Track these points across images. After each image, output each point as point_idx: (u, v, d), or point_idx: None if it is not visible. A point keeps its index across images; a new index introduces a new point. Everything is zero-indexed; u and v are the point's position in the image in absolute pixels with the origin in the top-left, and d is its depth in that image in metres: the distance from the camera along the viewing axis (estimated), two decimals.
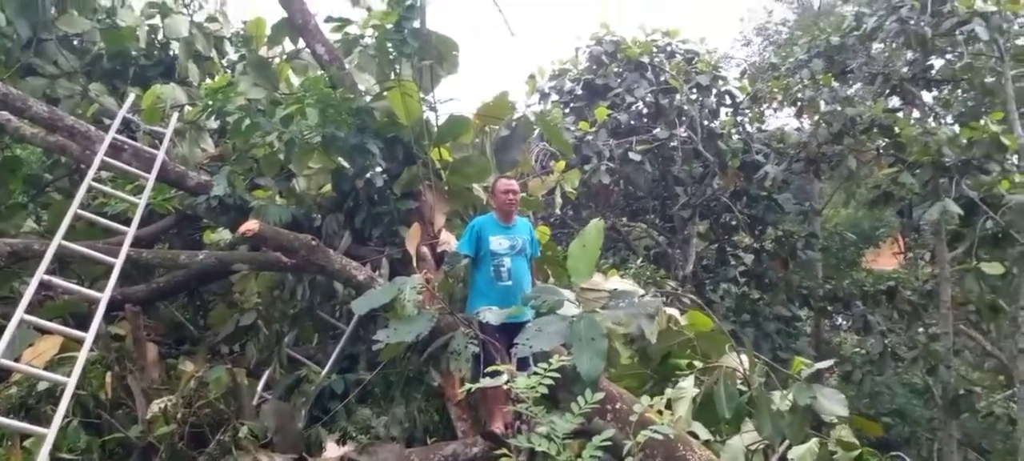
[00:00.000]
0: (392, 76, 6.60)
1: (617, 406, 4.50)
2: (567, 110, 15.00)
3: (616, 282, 7.18)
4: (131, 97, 6.54)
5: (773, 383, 6.54)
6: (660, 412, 5.91)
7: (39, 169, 9.17)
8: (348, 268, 5.58)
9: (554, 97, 15.56)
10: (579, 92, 15.39)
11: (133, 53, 8.37)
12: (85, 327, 4.72)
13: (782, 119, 18.42)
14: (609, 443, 3.61)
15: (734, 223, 16.47)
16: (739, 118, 15.87)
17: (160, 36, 8.57)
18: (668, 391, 6.43)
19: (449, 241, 6.34)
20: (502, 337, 4.97)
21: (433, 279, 5.52)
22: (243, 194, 6.18)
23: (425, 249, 6.17)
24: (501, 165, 6.46)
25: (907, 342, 14.91)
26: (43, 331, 5.21)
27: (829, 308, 17.56)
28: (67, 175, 8.53)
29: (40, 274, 4.69)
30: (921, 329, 15.62)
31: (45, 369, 5.26)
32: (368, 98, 6.26)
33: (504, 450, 5.32)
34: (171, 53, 8.52)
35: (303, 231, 5.79)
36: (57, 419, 4.07)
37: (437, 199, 6.40)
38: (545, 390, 3.71)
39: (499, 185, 5.54)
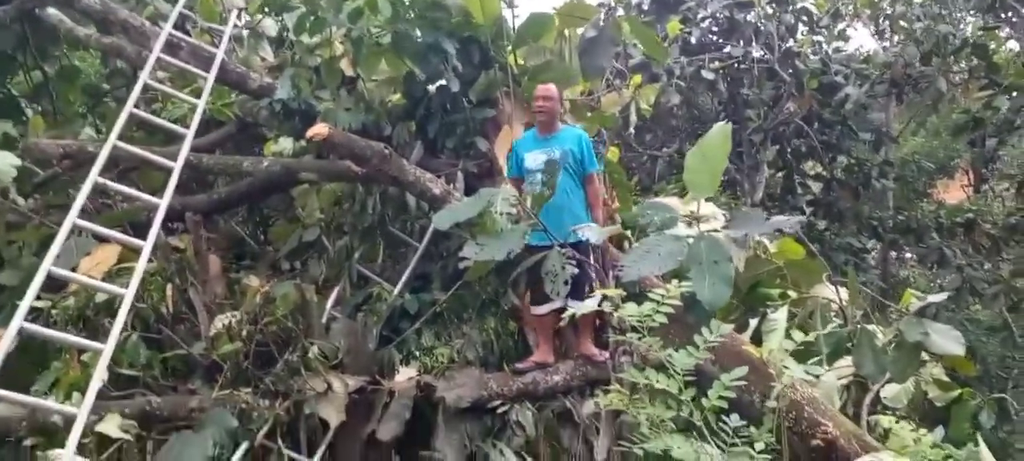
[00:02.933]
0: None
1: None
2: None
3: (708, 207, 6.64)
4: None
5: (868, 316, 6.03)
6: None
7: (97, 79, 8.91)
8: (423, 180, 5.11)
9: (620, 11, 14.68)
10: (647, 5, 14.48)
11: None
12: (145, 237, 4.36)
13: (857, 40, 17.37)
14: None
15: (804, 149, 15.60)
16: (816, 37, 14.88)
17: None
18: (753, 323, 5.96)
19: None
20: None
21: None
22: (309, 98, 5.71)
23: (503, 161, 5.68)
24: (587, 71, 5.87)
25: (986, 277, 14.11)
26: (100, 239, 4.87)
27: (900, 240, 16.70)
28: (124, 84, 8.15)
29: (93, 176, 4.31)
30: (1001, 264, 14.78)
31: (103, 279, 4.96)
32: None
33: (597, 378, 5.00)
34: None
35: (372, 140, 5.32)
36: (114, 334, 3.73)
37: (516, 108, 5.87)
38: (664, 319, 3.24)
39: (536, 89, 5.09)
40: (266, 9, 7.27)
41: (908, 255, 19.30)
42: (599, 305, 3.49)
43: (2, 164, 5.12)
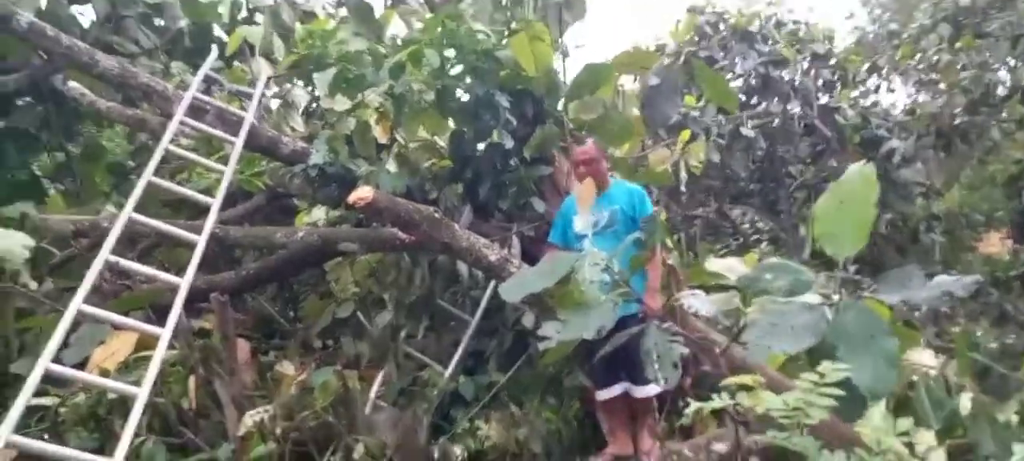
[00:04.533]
0: (512, 22, 5.53)
1: None
2: None
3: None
4: (214, 52, 5.56)
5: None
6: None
7: (123, 157, 8.54)
8: (477, 246, 4.48)
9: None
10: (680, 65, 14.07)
11: (215, 29, 7.56)
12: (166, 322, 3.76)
13: (894, 94, 16.89)
14: None
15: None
16: (853, 93, 14.43)
17: (243, 11, 7.74)
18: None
19: None
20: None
21: None
22: (346, 163, 5.15)
23: None
24: (651, 122, 5.30)
25: None
26: (114, 326, 4.27)
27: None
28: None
29: (105, 253, 3.73)
30: None
31: (118, 371, 4.34)
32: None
33: None
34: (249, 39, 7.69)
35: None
36: (123, 442, 3.08)
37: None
38: (824, 413, 2.55)
39: (574, 152, 4.49)
40: (297, 72, 6.86)
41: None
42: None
43: (12, 245, 4.58)
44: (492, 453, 4.62)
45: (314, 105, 7.51)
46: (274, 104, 6.76)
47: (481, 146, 5.24)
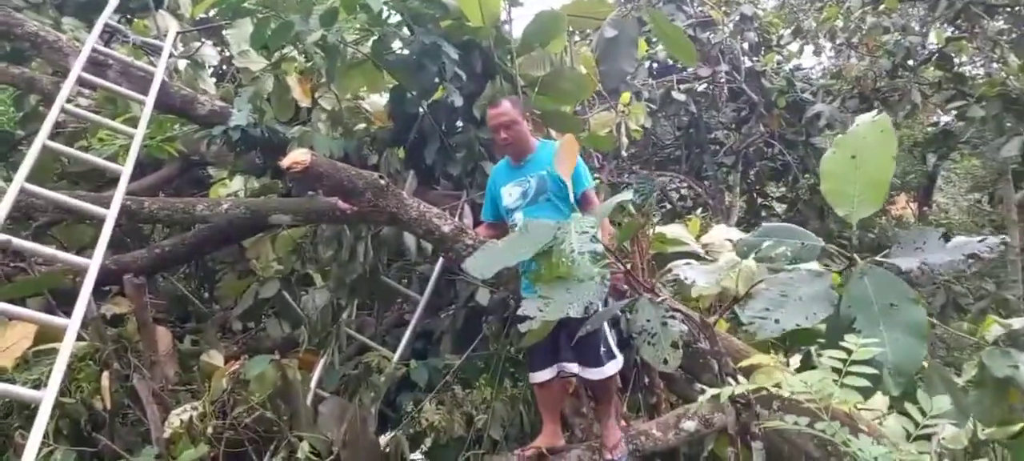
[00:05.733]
0: None
1: None
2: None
3: (718, 233, 5.79)
4: (112, 2, 4.85)
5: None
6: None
7: (9, 125, 7.61)
8: (428, 216, 4.02)
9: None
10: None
11: None
12: (70, 309, 3.18)
13: (819, 57, 17.07)
14: None
15: (767, 170, 15.10)
16: (777, 57, 14.51)
17: None
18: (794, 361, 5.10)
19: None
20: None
21: None
22: (273, 123, 4.59)
23: None
24: (607, 78, 4.93)
25: (972, 292, 13.69)
26: (10, 317, 3.65)
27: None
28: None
29: None
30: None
31: (16, 368, 3.73)
32: None
33: None
34: None
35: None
36: (29, 453, 2.54)
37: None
38: (856, 395, 2.26)
39: (487, 115, 3.97)
40: (206, 29, 6.19)
41: None
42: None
43: None
44: (445, 439, 4.24)
45: (224, 67, 6.82)
46: (181, 65, 6.10)
47: (424, 106, 4.77)
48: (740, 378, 2.48)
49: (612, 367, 3.82)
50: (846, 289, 2.54)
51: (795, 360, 4.40)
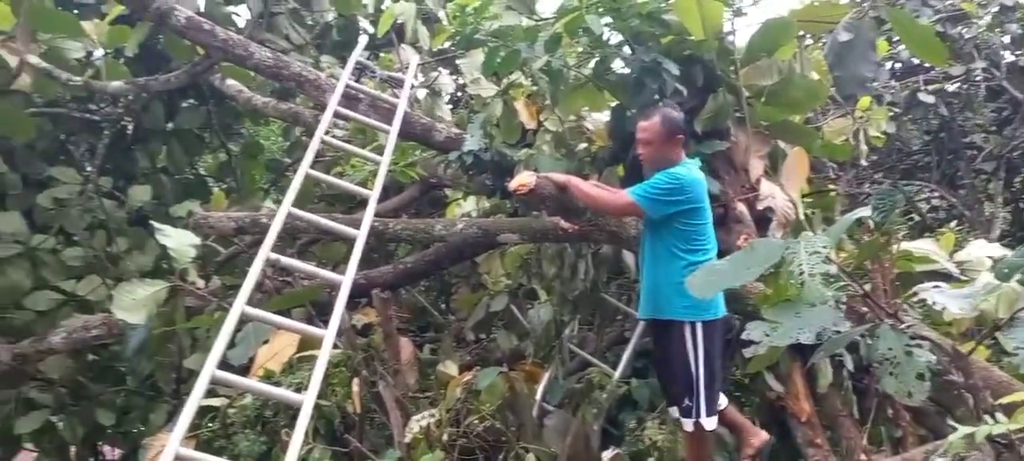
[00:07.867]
0: None
1: None
2: None
3: (976, 249, 5.20)
4: (362, 40, 5.42)
5: None
6: None
7: (279, 154, 8.80)
8: None
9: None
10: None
11: (361, 21, 7.56)
12: (327, 319, 3.58)
13: None
14: None
15: None
16: None
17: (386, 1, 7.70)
18: None
19: (772, 194, 4.66)
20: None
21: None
22: (502, 148, 4.85)
23: (741, 206, 4.55)
24: (843, 84, 4.62)
25: None
26: (277, 327, 4.17)
27: None
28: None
29: (265, 251, 3.59)
30: None
31: (283, 372, 4.25)
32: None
33: None
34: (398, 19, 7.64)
35: None
36: (292, 454, 2.89)
37: (751, 138, 4.74)
38: None
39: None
40: (442, 59, 6.68)
41: None
42: None
43: (181, 243, 4.61)
44: (667, 460, 4.19)
45: (459, 94, 7.34)
46: (420, 94, 6.64)
47: None
48: (1000, 416, 2.21)
49: (688, 425, 3.59)
50: None
51: None
